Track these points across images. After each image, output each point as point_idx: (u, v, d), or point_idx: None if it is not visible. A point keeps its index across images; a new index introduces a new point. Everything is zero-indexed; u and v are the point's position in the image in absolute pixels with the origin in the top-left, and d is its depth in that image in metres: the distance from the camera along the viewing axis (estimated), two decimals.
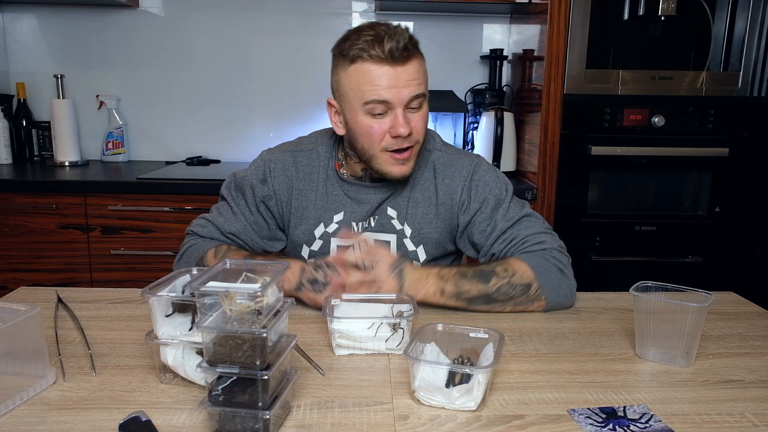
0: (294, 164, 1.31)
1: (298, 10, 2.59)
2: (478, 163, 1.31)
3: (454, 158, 1.31)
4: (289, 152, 1.33)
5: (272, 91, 2.66)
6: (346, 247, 1.28)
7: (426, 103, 1.21)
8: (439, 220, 1.30)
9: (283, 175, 1.31)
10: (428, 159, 1.31)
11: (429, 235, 1.30)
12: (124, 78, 2.63)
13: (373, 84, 1.13)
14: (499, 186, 1.29)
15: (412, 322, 1.00)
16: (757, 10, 2.08)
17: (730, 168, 2.16)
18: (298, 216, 1.31)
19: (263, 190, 1.30)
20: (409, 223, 1.30)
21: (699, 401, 0.87)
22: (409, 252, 1.30)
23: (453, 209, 1.30)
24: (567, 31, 2.05)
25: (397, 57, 1.11)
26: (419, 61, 1.17)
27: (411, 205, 1.29)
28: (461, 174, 1.29)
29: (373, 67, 1.13)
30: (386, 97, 1.14)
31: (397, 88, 1.13)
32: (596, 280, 2.18)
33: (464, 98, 2.59)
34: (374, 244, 1.17)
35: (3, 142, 2.47)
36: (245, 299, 0.76)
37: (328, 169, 1.31)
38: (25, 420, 0.79)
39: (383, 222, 1.30)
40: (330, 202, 1.30)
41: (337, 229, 1.30)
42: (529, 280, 1.16)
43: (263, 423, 0.74)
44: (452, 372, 0.84)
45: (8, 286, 2.06)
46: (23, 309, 0.86)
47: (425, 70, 1.20)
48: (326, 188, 1.31)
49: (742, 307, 1.26)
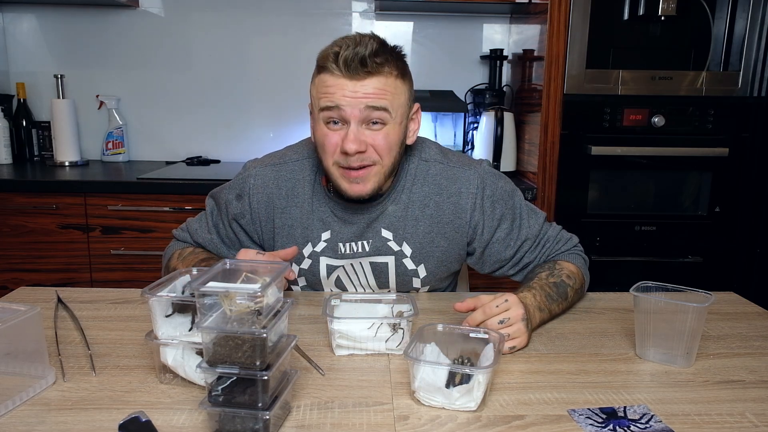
0: (275, 181, 1.26)
1: (298, 10, 2.59)
2: (484, 175, 1.25)
3: (458, 171, 1.24)
4: (271, 167, 1.27)
5: (272, 91, 2.66)
6: (336, 267, 1.26)
7: (393, 125, 1.13)
8: (442, 239, 1.25)
9: (262, 193, 1.25)
10: (426, 171, 1.25)
11: (431, 253, 1.25)
12: (124, 78, 2.63)
13: (328, 92, 1.11)
14: (511, 196, 1.27)
15: (412, 322, 1.00)
16: (757, 10, 2.08)
17: (730, 168, 2.16)
18: (284, 235, 1.26)
19: (237, 207, 1.27)
20: (409, 243, 1.24)
21: (699, 401, 0.87)
22: (409, 271, 1.26)
23: (462, 229, 1.24)
24: (567, 31, 2.05)
25: (353, 69, 1.08)
26: (387, 79, 1.10)
27: (410, 224, 1.23)
28: (468, 190, 1.23)
29: (331, 77, 1.10)
30: (338, 103, 1.09)
31: (351, 98, 1.09)
32: (596, 280, 2.16)
33: (464, 98, 2.59)
34: (490, 305, 1.03)
35: (3, 142, 2.47)
36: (245, 299, 0.76)
37: (314, 183, 1.25)
38: (25, 420, 0.79)
39: (378, 245, 1.24)
40: (316, 219, 1.25)
41: (324, 248, 1.25)
42: (582, 281, 1.25)
43: (263, 423, 0.74)
44: (452, 372, 0.84)
45: (8, 286, 2.06)
46: (23, 309, 0.86)
47: (398, 90, 1.13)
48: (312, 205, 1.25)
49: (742, 307, 1.25)
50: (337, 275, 1.28)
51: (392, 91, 1.11)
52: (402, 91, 1.14)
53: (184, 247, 1.32)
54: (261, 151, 1.38)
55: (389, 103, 1.11)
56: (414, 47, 2.65)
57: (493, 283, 1.90)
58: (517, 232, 1.26)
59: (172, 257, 1.31)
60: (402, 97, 1.14)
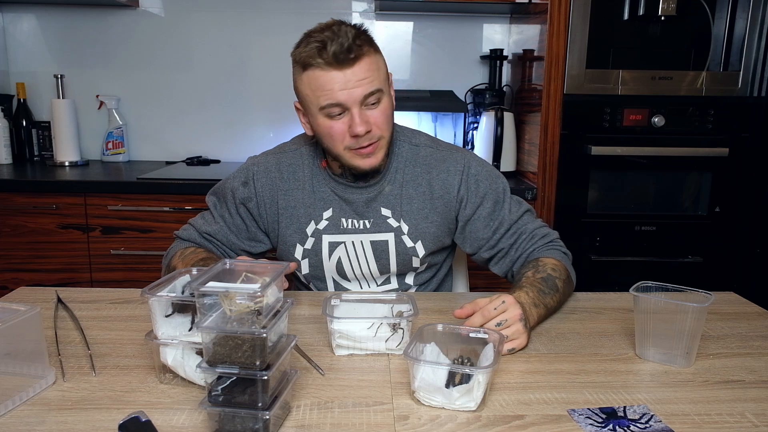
0: (277, 166, 1.33)
1: (298, 10, 2.59)
2: (470, 157, 1.34)
3: (447, 154, 1.33)
4: (272, 155, 1.35)
5: (272, 91, 2.66)
6: (338, 244, 1.31)
7: (385, 98, 1.20)
8: (435, 214, 1.31)
9: (266, 177, 1.32)
10: (416, 155, 1.32)
11: (426, 229, 1.31)
12: (124, 78, 2.63)
13: (324, 89, 1.15)
14: (495, 180, 1.33)
15: (412, 322, 1.00)
16: (757, 10, 2.08)
17: (730, 168, 2.16)
18: (287, 216, 1.32)
19: (244, 192, 1.32)
20: (406, 220, 1.31)
21: (699, 401, 0.87)
22: (408, 248, 1.31)
23: (450, 203, 1.31)
24: (567, 31, 2.05)
25: (342, 60, 1.12)
26: (369, 58, 1.16)
27: (405, 201, 1.31)
28: (456, 168, 1.31)
29: (322, 73, 1.14)
30: (340, 100, 1.15)
31: (347, 89, 1.14)
32: (596, 280, 2.18)
33: (464, 98, 2.59)
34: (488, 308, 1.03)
35: (3, 142, 2.47)
36: (245, 299, 0.76)
37: (313, 167, 1.32)
38: (25, 420, 0.79)
39: (378, 222, 1.31)
40: (318, 199, 1.31)
41: (326, 225, 1.31)
42: (566, 272, 1.24)
43: (263, 423, 0.74)
44: (452, 372, 0.84)
45: (8, 286, 2.06)
46: (23, 309, 0.86)
47: (379, 64, 1.19)
48: (313, 185, 1.31)
49: (742, 307, 1.25)
50: (338, 256, 1.31)
51: (376, 68, 1.18)
52: (382, 64, 1.22)
53: (186, 247, 1.33)
54: (261, 151, 1.39)
55: (379, 81, 1.18)
56: (414, 47, 2.65)
57: (492, 283, 1.91)
58: (498, 213, 1.31)
59: (174, 257, 1.32)
60: (383, 69, 1.22)
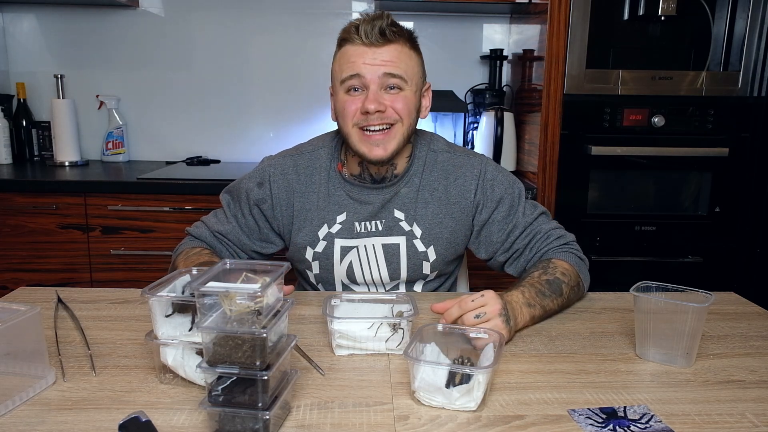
0: (294, 168, 1.33)
1: (298, 10, 2.59)
2: (487, 163, 1.35)
3: (464, 159, 1.34)
4: (289, 157, 1.36)
5: (272, 91, 2.66)
6: (349, 249, 1.30)
7: (409, 91, 1.22)
8: (451, 219, 1.32)
9: (282, 179, 1.32)
10: (434, 160, 1.33)
11: (440, 234, 1.31)
12: (124, 78, 2.63)
13: (349, 61, 1.20)
14: (512, 185, 1.34)
15: (412, 322, 1.00)
16: (757, 10, 2.08)
17: (730, 168, 2.16)
18: (301, 218, 1.32)
19: (258, 194, 1.33)
20: (419, 224, 1.31)
21: (699, 401, 0.87)
22: (420, 253, 1.31)
23: (467, 208, 1.32)
24: (567, 31, 2.05)
25: (372, 39, 1.18)
26: (402, 48, 1.21)
27: (420, 205, 1.31)
28: (473, 173, 1.32)
29: (352, 48, 1.20)
30: (361, 72, 1.19)
31: (370, 65, 1.19)
32: (596, 280, 2.16)
33: (464, 98, 2.59)
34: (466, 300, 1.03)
35: (3, 142, 2.47)
36: (245, 299, 0.76)
37: (330, 170, 1.33)
38: (25, 420, 0.79)
39: (391, 225, 1.31)
40: (332, 203, 1.31)
41: (340, 229, 1.30)
42: (577, 278, 1.24)
43: (263, 423, 0.74)
44: (452, 372, 0.84)
45: (8, 286, 2.06)
46: (23, 309, 0.86)
47: (413, 61, 1.23)
48: (328, 189, 1.32)
49: (742, 307, 1.26)
50: (349, 260, 1.31)
51: (407, 60, 1.22)
52: (416, 63, 1.25)
53: (193, 247, 1.33)
54: (261, 151, 1.40)
55: (404, 70, 1.21)
56: None
57: (492, 284, 1.90)
58: (513, 216, 1.32)
59: (179, 256, 1.31)
60: (416, 68, 1.25)
